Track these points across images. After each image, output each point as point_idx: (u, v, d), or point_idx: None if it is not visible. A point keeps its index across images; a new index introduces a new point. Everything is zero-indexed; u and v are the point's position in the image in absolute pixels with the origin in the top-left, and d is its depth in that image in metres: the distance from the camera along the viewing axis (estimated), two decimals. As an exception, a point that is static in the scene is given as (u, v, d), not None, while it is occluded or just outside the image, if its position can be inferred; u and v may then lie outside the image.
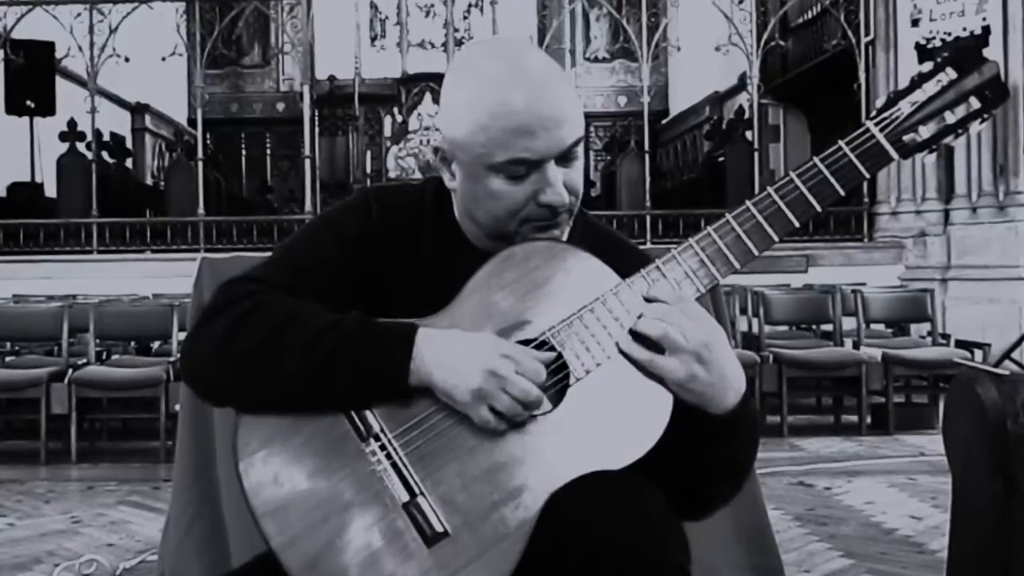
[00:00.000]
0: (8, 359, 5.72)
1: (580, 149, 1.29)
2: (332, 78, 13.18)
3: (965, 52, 1.24)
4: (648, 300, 1.22)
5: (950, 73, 1.25)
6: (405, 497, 1.19)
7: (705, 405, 1.20)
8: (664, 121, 12.87)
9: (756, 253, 1.25)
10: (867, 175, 1.25)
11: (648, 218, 8.01)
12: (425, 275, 1.33)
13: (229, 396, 1.29)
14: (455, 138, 1.28)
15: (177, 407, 2.69)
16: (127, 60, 8.33)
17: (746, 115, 8.78)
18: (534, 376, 1.18)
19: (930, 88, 1.25)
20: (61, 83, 9.28)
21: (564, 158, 1.27)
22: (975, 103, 1.24)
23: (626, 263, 1.27)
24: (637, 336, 1.20)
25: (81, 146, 8.77)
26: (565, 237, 1.31)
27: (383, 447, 1.21)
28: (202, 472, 2.26)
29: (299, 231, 1.40)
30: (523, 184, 1.26)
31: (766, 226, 1.24)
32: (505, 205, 1.27)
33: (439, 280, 1.29)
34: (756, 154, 8.19)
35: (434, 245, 1.36)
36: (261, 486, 1.21)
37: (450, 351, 1.20)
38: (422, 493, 1.19)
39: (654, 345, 1.19)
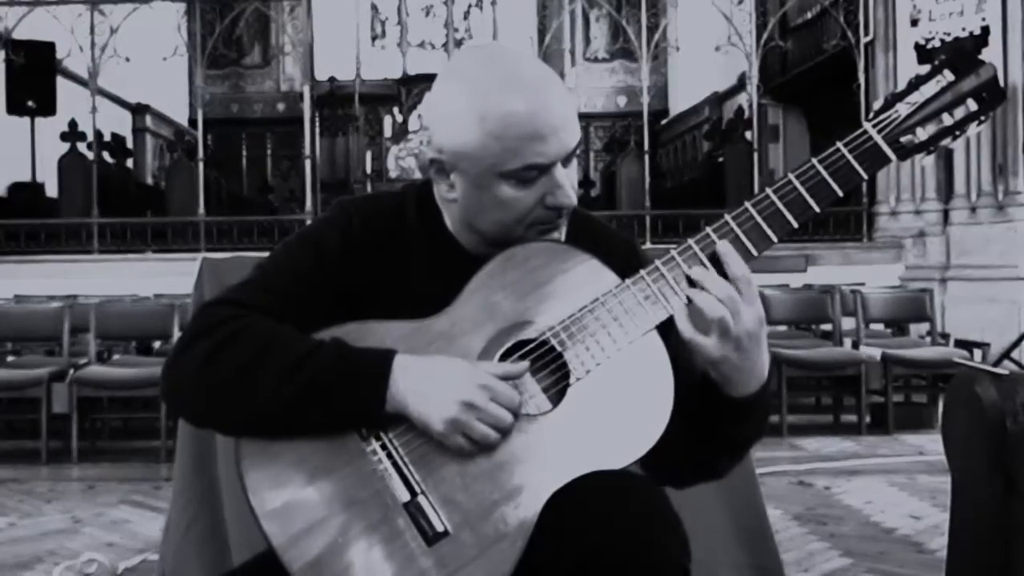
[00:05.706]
0: (9, 359, 5.71)
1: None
2: (332, 78, 13.18)
3: (962, 54, 1.25)
4: (719, 268, 1.22)
5: (947, 75, 1.25)
6: (406, 496, 1.20)
7: (726, 386, 1.23)
8: (664, 121, 12.87)
9: (755, 254, 1.25)
10: (865, 176, 1.25)
11: (648, 218, 8.01)
12: (418, 283, 1.33)
13: (207, 421, 1.31)
14: (459, 149, 1.27)
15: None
16: (128, 60, 8.33)
17: (745, 115, 8.78)
18: (508, 403, 1.20)
19: (927, 90, 1.25)
20: (62, 83, 9.29)
21: (567, 159, 1.28)
22: (972, 105, 1.25)
23: (613, 251, 1.31)
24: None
25: (82, 146, 8.77)
26: (563, 237, 1.32)
27: (384, 446, 1.22)
28: (202, 472, 2.26)
29: (277, 250, 1.37)
30: (532, 188, 1.27)
31: (765, 227, 1.25)
32: (514, 211, 1.27)
33: (434, 287, 1.28)
34: (755, 154, 8.19)
35: (426, 253, 1.36)
36: (262, 485, 1.21)
37: (426, 380, 1.20)
38: (423, 492, 1.20)
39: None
